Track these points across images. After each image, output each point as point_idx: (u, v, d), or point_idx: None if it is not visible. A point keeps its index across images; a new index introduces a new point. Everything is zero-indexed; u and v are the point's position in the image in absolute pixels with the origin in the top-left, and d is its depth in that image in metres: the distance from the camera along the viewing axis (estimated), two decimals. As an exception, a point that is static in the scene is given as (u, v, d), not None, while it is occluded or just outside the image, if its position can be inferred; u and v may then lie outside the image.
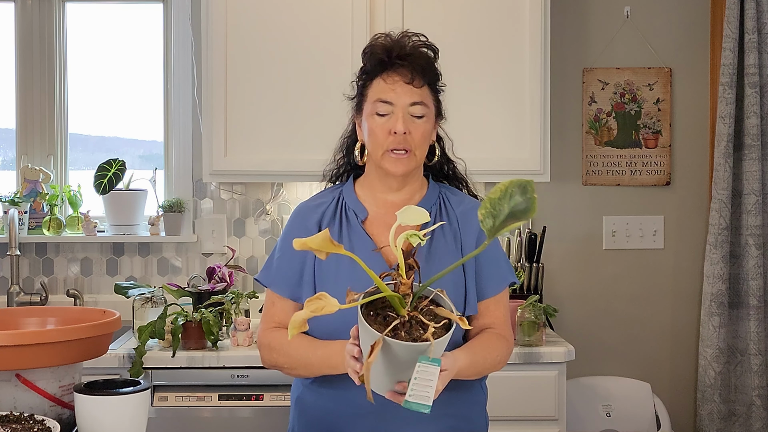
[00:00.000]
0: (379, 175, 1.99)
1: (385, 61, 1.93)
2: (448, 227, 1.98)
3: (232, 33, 3.15)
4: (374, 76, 1.95)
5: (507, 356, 1.98)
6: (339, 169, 2.10)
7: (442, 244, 1.96)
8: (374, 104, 1.93)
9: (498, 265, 1.99)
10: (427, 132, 1.95)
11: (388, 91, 1.92)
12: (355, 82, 2.02)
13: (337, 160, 2.10)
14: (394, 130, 1.90)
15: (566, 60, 3.53)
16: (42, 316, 2.10)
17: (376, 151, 1.94)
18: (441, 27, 3.15)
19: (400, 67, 1.92)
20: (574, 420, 3.29)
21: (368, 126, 1.95)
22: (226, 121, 3.15)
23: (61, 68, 3.63)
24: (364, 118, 1.97)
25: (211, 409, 2.86)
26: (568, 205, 3.57)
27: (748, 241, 3.41)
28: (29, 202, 3.50)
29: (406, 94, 1.91)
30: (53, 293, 3.50)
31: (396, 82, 1.92)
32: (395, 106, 1.91)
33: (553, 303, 3.40)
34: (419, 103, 1.92)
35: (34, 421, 1.73)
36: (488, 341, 1.93)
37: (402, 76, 1.92)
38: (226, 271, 3.21)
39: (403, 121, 1.90)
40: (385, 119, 1.92)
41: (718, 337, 3.40)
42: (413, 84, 1.92)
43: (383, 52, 1.94)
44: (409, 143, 1.92)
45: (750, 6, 3.36)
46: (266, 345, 2.00)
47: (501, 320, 1.99)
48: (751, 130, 3.39)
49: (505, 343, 1.97)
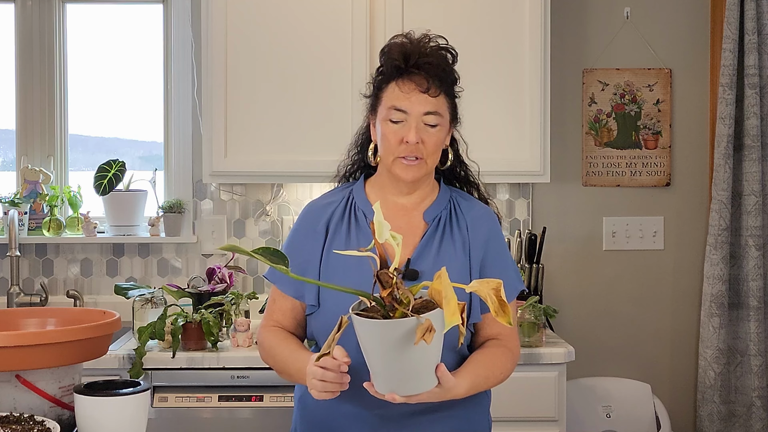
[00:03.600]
0: (390, 178, 1.97)
1: (401, 68, 1.90)
2: (457, 232, 1.97)
3: (232, 34, 3.15)
4: (390, 79, 1.92)
5: (511, 369, 1.96)
6: (353, 165, 2.08)
7: (451, 249, 1.95)
8: (388, 110, 1.91)
9: (506, 274, 1.95)
10: (440, 140, 1.93)
11: (402, 99, 1.89)
12: (371, 81, 1.99)
13: (351, 156, 2.08)
14: (406, 140, 1.88)
15: (566, 61, 3.53)
16: (42, 316, 2.10)
17: (387, 156, 1.93)
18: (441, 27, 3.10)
19: (416, 75, 1.89)
20: (574, 421, 3.29)
21: (381, 131, 1.93)
22: (226, 122, 3.15)
23: (61, 69, 3.63)
24: (378, 121, 1.94)
25: (211, 410, 2.86)
26: (568, 205, 3.57)
27: (748, 242, 3.41)
28: (29, 202, 3.50)
29: (420, 103, 1.89)
30: (53, 294, 3.50)
31: (411, 91, 1.89)
32: (409, 115, 1.89)
33: (553, 304, 3.39)
34: (433, 113, 1.90)
35: (34, 422, 1.73)
36: (492, 358, 1.90)
37: (418, 84, 1.89)
38: (226, 272, 3.21)
39: (416, 130, 1.88)
40: (399, 126, 1.90)
41: (718, 338, 3.40)
42: (429, 93, 1.89)
43: (400, 56, 1.90)
44: (421, 152, 1.89)
45: (750, 7, 3.36)
46: (260, 343, 2.02)
47: (508, 330, 1.95)
48: (751, 131, 3.39)
49: (510, 356, 1.94)
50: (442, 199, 2.01)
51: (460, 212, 2.00)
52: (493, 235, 1.98)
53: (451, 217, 1.99)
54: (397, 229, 1.96)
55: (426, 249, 1.94)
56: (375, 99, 1.96)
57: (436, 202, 2.00)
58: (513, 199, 3.55)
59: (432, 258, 1.93)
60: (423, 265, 1.92)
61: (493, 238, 1.98)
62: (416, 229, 1.97)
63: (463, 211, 2.00)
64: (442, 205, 2.00)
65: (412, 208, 1.99)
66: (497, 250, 1.98)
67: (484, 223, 1.99)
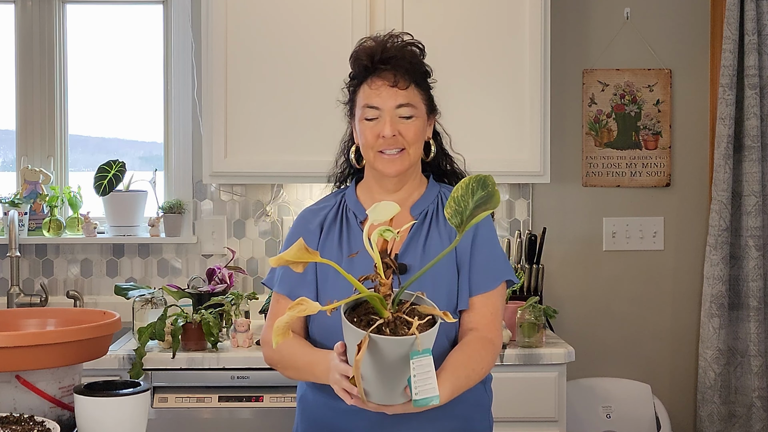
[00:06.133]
0: (376, 177, 2.01)
1: (368, 67, 1.96)
2: (443, 225, 1.99)
3: (232, 34, 3.15)
4: (361, 81, 1.98)
5: (493, 360, 1.94)
6: (342, 172, 2.13)
7: (437, 243, 1.97)
8: (363, 109, 1.97)
9: (491, 262, 1.97)
10: (418, 130, 1.96)
11: (373, 96, 1.95)
12: (347, 87, 2.05)
13: (339, 164, 2.14)
14: (382, 134, 1.93)
15: (566, 61, 3.53)
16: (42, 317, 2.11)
17: (368, 154, 1.98)
18: (441, 28, 3.16)
19: (383, 71, 1.95)
20: (574, 421, 3.29)
21: (359, 130, 1.98)
22: (226, 123, 3.15)
23: (61, 69, 3.63)
24: (356, 122, 2.00)
25: (211, 411, 2.86)
26: (568, 206, 3.57)
27: (748, 243, 3.41)
28: (29, 203, 3.50)
29: (391, 97, 1.94)
30: (53, 294, 3.50)
31: (380, 87, 1.95)
32: (382, 110, 1.94)
33: (553, 304, 3.40)
34: (405, 105, 1.94)
35: (34, 423, 1.73)
36: (471, 353, 1.88)
37: (386, 79, 1.95)
38: (226, 273, 3.21)
39: (391, 124, 1.93)
40: (374, 123, 1.95)
41: (718, 338, 3.40)
42: (398, 86, 1.94)
43: (366, 57, 1.97)
44: (400, 143, 1.94)
45: (750, 7, 3.36)
46: (266, 342, 2.02)
47: (487, 319, 1.94)
48: (751, 132, 3.39)
49: (490, 347, 1.92)
50: (430, 194, 2.04)
51: None
52: (481, 224, 1.97)
53: (438, 210, 2.02)
54: None
55: (412, 243, 1.97)
56: (351, 103, 2.03)
57: (424, 196, 2.03)
58: (513, 199, 3.55)
59: (419, 251, 1.95)
60: (410, 258, 1.95)
61: (480, 227, 1.97)
62: (403, 224, 1.97)
63: None
64: (429, 199, 2.03)
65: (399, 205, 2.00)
66: (484, 239, 1.98)
67: None
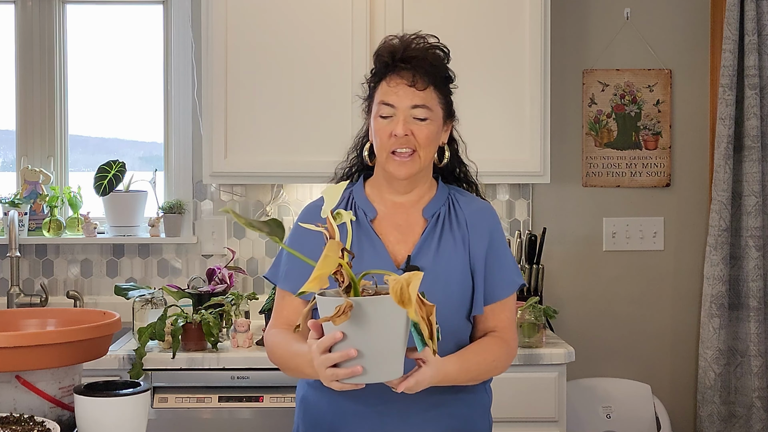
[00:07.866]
0: (386, 177, 2.00)
1: (389, 64, 1.94)
2: (456, 228, 1.98)
3: (232, 34, 3.15)
4: (380, 78, 1.96)
5: (507, 360, 1.97)
6: (351, 168, 2.10)
7: (450, 245, 1.97)
8: (378, 106, 1.95)
9: (507, 269, 2.00)
10: (432, 133, 1.94)
11: (390, 94, 1.93)
12: (367, 83, 2.02)
13: (350, 159, 2.11)
14: (394, 133, 1.91)
15: (566, 61, 3.53)
16: (42, 317, 2.11)
17: (380, 153, 1.96)
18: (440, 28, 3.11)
19: (402, 70, 1.93)
20: (574, 421, 3.29)
21: (373, 127, 1.96)
22: (226, 123, 3.15)
23: (61, 69, 3.63)
24: (371, 119, 1.98)
25: (211, 411, 2.86)
26: (568, 206, 3.57)
27: (748, 243, 3.41)
28: (29, 203, 3.50)
29: (407, 96, 1.92)
30: (53, 295, 3.50)
31: (398, 85, 1.92)
32: (397, 109, 1.92)
33: (553, 304, 3.40)
34: (421, 106, 1.92)
35: (34, 423, 1.73)
36: (485, 346, 1.94)
37: (404, 78, 1.92)
38: (226, 273, 3.21)
39: (404, 123, 1.91)
40: (388, 121, 1.93)
41: (718, 338, 3.40)
42: (416, 87, 1.92)
43: (388, 54, 1.94)
44: (412, 143, 1.92)
45: (750, 8, 3.36)
46: (266, 341, 2.03)
47: (505, 323, 1.99)
48: (751, 132, 3.39)
49: (506, 346, 1.97)
50: (441, 196, 2.03)
51: (459, 208, 2.01)
52: (494, 230, 2.01)
53: (450, 213, 2.01)
54: (396, 226, 1.98)
55: (426, 245, 1.96)
56: (370, 100, 2.01)
57: (435, 198, 2.02)
58: (513, 199, 3.55)
59: (432, 254, 1.94)
60: (423, 261, 1.94)
61: (493, 233, 2.00)
62: (415, 225, 1.99)
63: (462, 206, 2.02)
64: (441, 201, 2.02)
65: (410, 206, 2.01)
66: (497, 245, 2.01)
67: (483, 218, 2.01)
